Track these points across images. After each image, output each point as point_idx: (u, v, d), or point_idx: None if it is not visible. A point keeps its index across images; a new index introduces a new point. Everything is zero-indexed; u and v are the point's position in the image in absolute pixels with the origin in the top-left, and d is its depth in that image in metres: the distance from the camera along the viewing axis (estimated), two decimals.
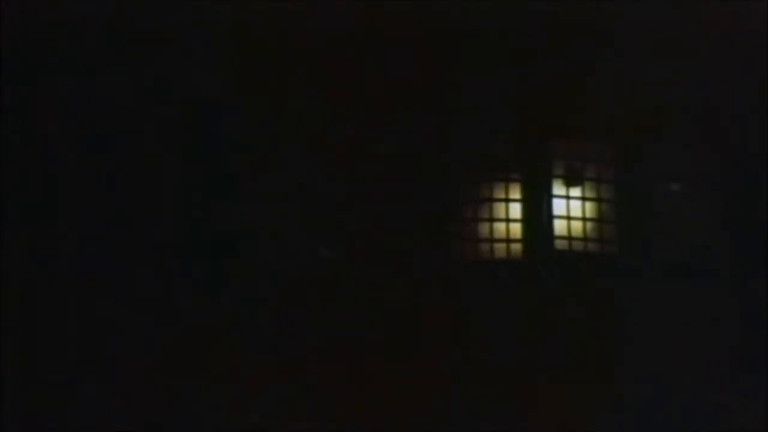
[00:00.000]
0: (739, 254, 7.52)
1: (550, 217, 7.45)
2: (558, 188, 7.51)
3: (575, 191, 7.54)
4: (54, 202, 6.99)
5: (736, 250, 7.52)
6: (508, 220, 7.43)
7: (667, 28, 7.45)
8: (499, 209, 7.44)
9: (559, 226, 7.46)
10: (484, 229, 7.41)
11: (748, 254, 7.49)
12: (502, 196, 7.44)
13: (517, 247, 7.43)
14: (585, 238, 7.49)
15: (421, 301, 7.15)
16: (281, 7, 7.18)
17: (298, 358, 7.02)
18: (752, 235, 7.50)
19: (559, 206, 7.48)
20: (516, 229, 7.44)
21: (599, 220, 7.51)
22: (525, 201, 7.45)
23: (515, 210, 7.45)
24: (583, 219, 7.50)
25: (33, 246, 6.94)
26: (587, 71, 7.48)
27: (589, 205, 7.52)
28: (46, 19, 7.03)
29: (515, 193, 7.46)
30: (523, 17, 7.36)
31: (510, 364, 7.17)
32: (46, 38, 7.04)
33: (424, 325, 7.12)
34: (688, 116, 7.57)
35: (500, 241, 7.42)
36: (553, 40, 7.45)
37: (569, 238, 7.45)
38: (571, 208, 7.49)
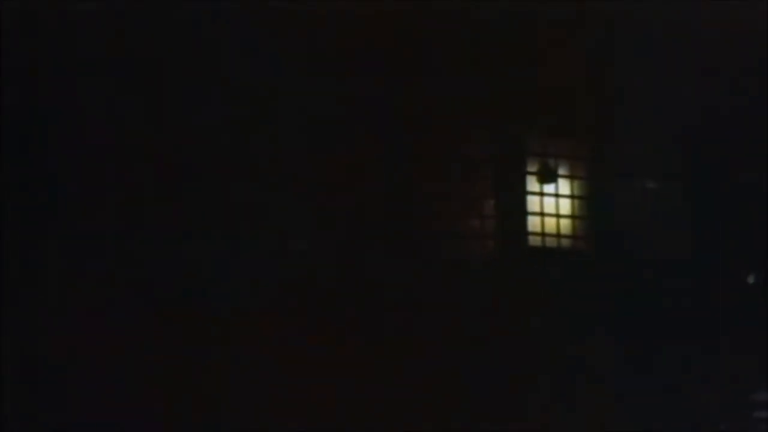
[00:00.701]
0: (720, 251, 7.55)
1: (524, 213, 7.50)
2: (533, 185, 7.56)
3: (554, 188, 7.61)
4: (54, 202, 6.99)
5: (716, 247, 7.55)
6: (482, 217, 7.47)
7: (667, 28, 7.46)
8: (475, 206, 7.48)
9: (533, 223, 7.51)
10: (460, 226, 7.45)
11: (729, 251, 7.53)
12: (477, 193, 7.48)
13: (491, 244, 7.48)
14: (559, 235, 7.55)
15: (404, 300, 7.19)
16: (279, 6, 7.20)
17: (296, 358, 7.03)
18: (733, 231, 7.53)
19: (533, 203, 7.53)
20: (491, 225, 7.49)
21: (580, 217, 7.58)
22: (500, 197, 7.49)
23: (490, 206, 7.51)
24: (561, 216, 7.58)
25: (33, 246, 6.94)
26: (581, 70, 7.52)
27: (571, 202, 7.58)
28: (46, 19, 7.03)
29: (489, 189, 7.51)
30: (510, 15, 7.40)
31: (492, 363, 7.21)
32: (46, 38, 7.04)
33: (406, 323, 7.16)
34: (685, 116, 7.60)
35: (476, 237, 7.45)
36: (545, 39, 7.47)
37: (543, 234, 7.50)
38: (545, 205, 7.56)
